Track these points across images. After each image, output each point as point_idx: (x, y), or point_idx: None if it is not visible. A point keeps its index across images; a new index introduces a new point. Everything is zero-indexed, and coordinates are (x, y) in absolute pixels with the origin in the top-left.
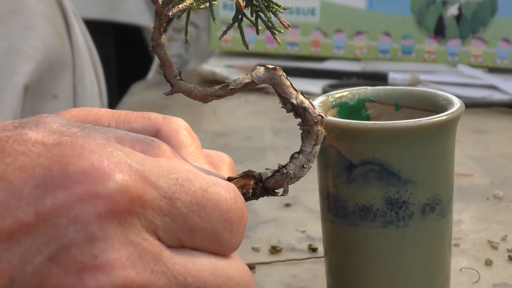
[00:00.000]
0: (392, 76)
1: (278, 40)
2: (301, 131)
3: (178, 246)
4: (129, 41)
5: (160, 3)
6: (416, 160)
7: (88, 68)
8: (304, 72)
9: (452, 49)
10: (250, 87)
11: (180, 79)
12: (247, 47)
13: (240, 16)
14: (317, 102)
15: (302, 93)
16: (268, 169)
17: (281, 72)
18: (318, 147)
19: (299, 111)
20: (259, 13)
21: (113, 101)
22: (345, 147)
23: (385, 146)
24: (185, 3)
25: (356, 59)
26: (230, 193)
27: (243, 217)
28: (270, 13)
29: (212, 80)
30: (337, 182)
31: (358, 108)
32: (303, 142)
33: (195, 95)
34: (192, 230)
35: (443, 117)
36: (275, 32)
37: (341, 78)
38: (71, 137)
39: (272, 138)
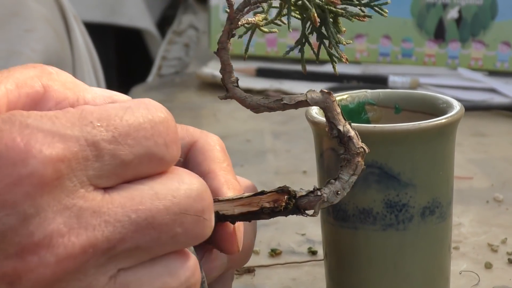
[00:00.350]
0: (392, 79)
1: (336, 70)
2: (342, 159)
3: (118, 182)
4: (130, 44)
5: (234, 9)
6: (416, 163)
7: (88, 70)
8: (304, 75)
9: (452, 52)
10: (302, 106)
11: (237, 86)
12: (305, 72)
13: (304, 40)
14: None
15: (349, 123)
16: (302, 189)
17: (334, 98)
18: (355, 178)
19: (343, 139)
20: (323, 40)
21: None
22: None
23: (385, 149)
24: (254, 19)
25: (356, 62)
26: (147, 110)
27: (169, 125)
28: (334, 41)
29: (212, 83)
30: None
31: (358, 111)
32: (341, 170)
33: (248, 103)
34: (125, 161)
35: (443, 120)
36: (336, 61)
37: (341, 81)
38: None
39: (272, 141)
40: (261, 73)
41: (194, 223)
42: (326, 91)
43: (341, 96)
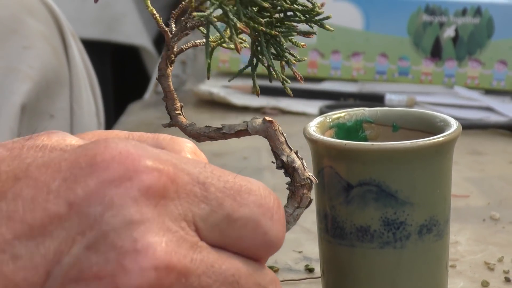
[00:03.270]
0: (388, 97)
1: (289, 91)
2: (288, 190)
3: (219, 241)
4: (127, 61)
5: (170, 35)
6: (414, 181)
7: (86, 87)
8: (301, 93)
9: (449, 71)
10: (243, 135)
11: (180, 114)
12: (257, 94)
13: (254, 62)
14: (314, 122)
15: (296, 153)
16: None
17: (276, 127)
18: (300, 211)
19: (288, 170)
20: (272, 63)
21: (110, 121)
22: (343, 168)
23: (383, 167)
24: (193, 42)
25: (353, 80)
26: (263, 188)
27: (280, 206)
28: (284, 62)
29: (209, 100)
30: (335, 202)
31: (355, 129)
32: (287, 202)
33: (189, 132)
34: (231, 217)
35: (441, 139)
36: (286, 82)
37: (338, 99)
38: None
39: (269, 158)
40: (258, 94)
41: None
42: (269, 119)
43: (338, 114)
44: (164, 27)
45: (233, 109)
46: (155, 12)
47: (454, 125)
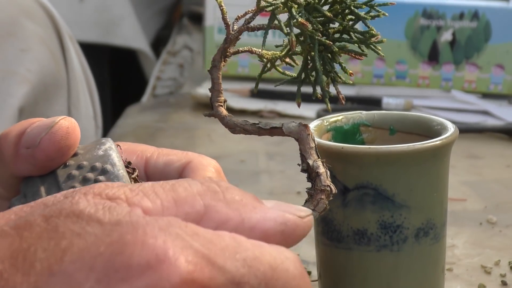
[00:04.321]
0: (386, 100)
1: (329, 106)
2: (307, 193)
3: None
4: (124, 64)
5: (232, 30)
6: (411, 185)
7: (83, 91)
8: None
9: (446, 75)
10: (277, 134)
11: (221, 106)
12: (299, 105)
13: (302, 76)
14: (312, 126)
15: (323, 162)
16: None
17: (310, 132)
18: (315, 214)
19: (311, 174)
20: (321, 74)
21: (108, 124)
22: (340, 171)
23: (380, 170)
24: (249, 48)
25: (350, 84)
26: (297, 269)
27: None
28: (330, 79)
29: (207, 104)
30: (332, 206)
31: (352, 132)
32: (304, 205)
33: (226, 122)
34: None
35: (438, 142)
36: (329, 95)
37: (335, 102)
38: (131, 213)
39: (267, 161)
40: (255, 94)
41: None
42: (304, 124)
43: (336, 117)
44: (227, 19)
45: (230, 112)
46: (222, 4)
47: (451, 128)
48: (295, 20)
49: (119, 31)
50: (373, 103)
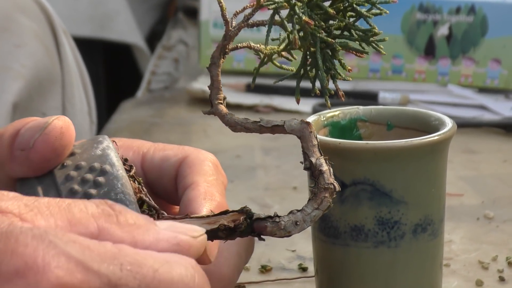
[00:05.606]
0: (382, 95)
1: (329, 103)
2: (310, 192)
3: None
4: (119, 59)
5: (231, 26)
6: (408, 180)
7: (78, 86)
8: (294, 91)
9: (442, 69)
10: (278, 132)
11: (221, 103)
12: (298, 101)
13: (301, 72)
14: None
15: (326, 159)
16: (263, 214)
17: (312, 129)
18: (318, 213)
19: (315, 172)
20: (323, 71)
21: (103, 119)
22: (337, 166)
23: (377, 166)
24: (247, 43)
25: (347, 78)
26: (186, 270)
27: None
28: (329, 76)
29: (202, 98)
30: None
31: (349, 127)
32: (307, 203)
33: (227, 121)
34: None
35: (436, 137)
36: (329, 93)
37: (331, 97)
38: (11, 224)
39: (262, 157)
40: (251, 88)
41: None
42: (306, 121)
43: (333, 113)
44: (227, 16)
45: (226, 107)
46: (222, 1)
47: (449, 124)
48: (296, 16)
49: (113, 25)
50: (369, 97)
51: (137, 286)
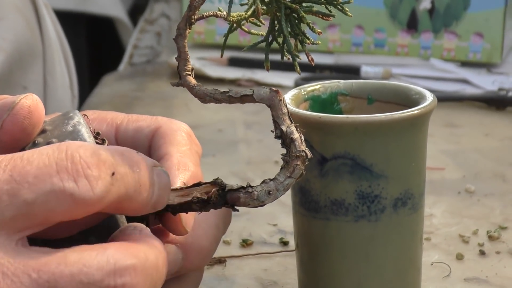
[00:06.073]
0: (364, 69)
1: (298, 69)
2: (283, 160)
3: (34, 228)
4: (101, 32)
5: None
6: (388, 154)
7: (59, 59)
8: (276, 65)
9: (425, 43)
10: (248, 101)
11: (189, 75)
12: (268, 68)
13: (270, 39)
14: (289, 95)
15: (296, 126)
16: (237, 184)
17: (282, 97)
18: (291, 181)
19: (286, 141)
20: (288, 38)
21: (85, 93)
22: (317, 141)
23: (358, 140)
24: (214, 12)
25: (329, 52)
26: (57, 148)
27: (78, 161)
28: (298, 41)
29: None
30: (309, 176)
31: (330, 101)
32: (280, 171)
33: (195, 92)
34: (28, 200)
35: (416, 111)
36: (297, 58)
37: (313, 71)
38: None
39: (244, 131)
40: (233, 62)
41: None
42: (275, 89)
43: (313, 86)
44: None
45: (208, 81)
46: None
47: (430, 97)
48: None
49: None
50: (352, 71)
51: (9, 176)
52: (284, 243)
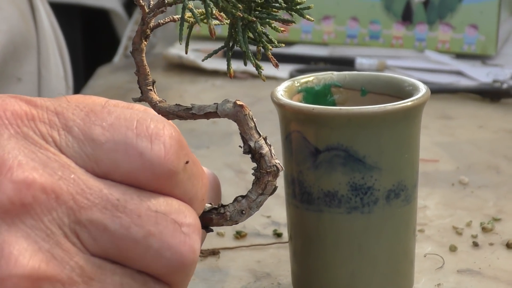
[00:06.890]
0: (359, 61)
1: (263, 77)
2: (254, 176)
3: (94, 168)
4: (96, 24)
5: (147, 9)
6: (382, 146)
7: (54, 51)
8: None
9: (420, 35)
10: (212, 117)
11: (151, 90)
12: (231, 76)
13: (231, 44)
14: (282, 87)
15: (265, 139)
16: (210, 204)
17: (247, 111)
18: (264, 198)
19: (255, 156)
20: (248, 49)
21: (79, 85)
22: (311, 132)
23: (351, 131)
24: (170, 18)
25: (324, 44)
26: (139, 109)
27: (164, 126)
28: (260, 47)
29: (179, 64)
30: (302, 167)
31: (324, 93)
32: (251, 188)
33: (158, 110)
34: (96, 141)
35: (409, 103)
36: (260, 69)
37: (308, 63)
38: None
39: None
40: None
41: (170, 230)
42: (239, 103)
43: (307, 78)
44: (141, 1)
45: (202, 73)
46: None
47: (423, 89)
48: (209, 8)
49: None
50: (346, 63)
51: (84, 115)
52: (278, 235)
